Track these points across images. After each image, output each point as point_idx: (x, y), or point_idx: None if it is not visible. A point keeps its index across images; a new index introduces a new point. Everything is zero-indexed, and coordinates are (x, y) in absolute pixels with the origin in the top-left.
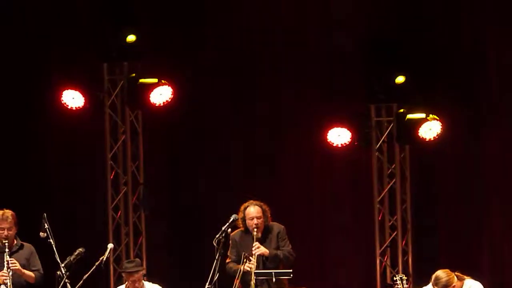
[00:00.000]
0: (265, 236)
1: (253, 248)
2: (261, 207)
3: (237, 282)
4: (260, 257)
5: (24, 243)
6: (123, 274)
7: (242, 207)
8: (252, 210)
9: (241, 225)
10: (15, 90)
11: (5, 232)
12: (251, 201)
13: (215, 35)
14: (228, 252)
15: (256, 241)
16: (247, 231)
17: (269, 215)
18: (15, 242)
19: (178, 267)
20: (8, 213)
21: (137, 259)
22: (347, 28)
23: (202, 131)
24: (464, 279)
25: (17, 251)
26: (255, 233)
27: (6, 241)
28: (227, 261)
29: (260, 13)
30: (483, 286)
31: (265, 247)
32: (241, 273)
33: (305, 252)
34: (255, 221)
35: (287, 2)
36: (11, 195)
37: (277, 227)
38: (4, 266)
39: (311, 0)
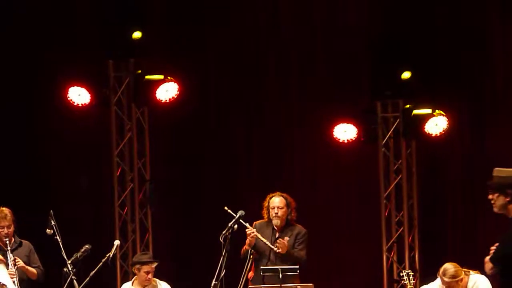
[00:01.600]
0: (286, 233)
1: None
2: (286, 199)
3: (248, 264)
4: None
5: (23, 241)
6: (137, 266)
7: (268, 197)
8: (276, 200)
9: (265, 215)
10: (20, 87)
11: (5, 230)
12: (278, 192)
13: (221, 31)
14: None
15: (277, 233)
16: (269, 221)
17: (294, 210)
18: (14, 239)
19: (184, 264)
20: (6, 210)
21: (150, 252)
22: (353, 25)
23: (208, 128)
24: (469, 274)
25: (16, 249)
26: (275, 221)
27: (7, 239)
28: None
29: (267, 10)
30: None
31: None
32: (249, 264)
33: (312, 248)
34: (275, 210)
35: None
36: (17, 192)
37: (299, 228)
38: (7, 264)
39: None
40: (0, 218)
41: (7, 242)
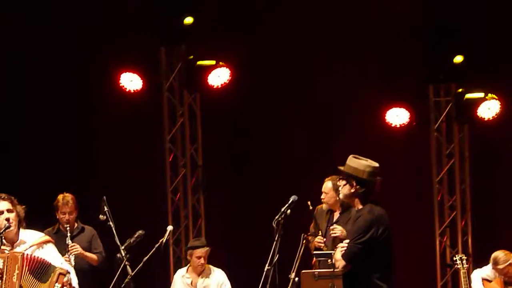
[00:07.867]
0: (344, 216)
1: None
2: (333, 184)
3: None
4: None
5: (85, 226)
6: (189, 251)
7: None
8: (324, 186)
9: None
10: (72, 74)
11: (67, 216)
12: (333, 176)
13: (273, 17)
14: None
15: (333, 219)
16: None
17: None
18: (76, 225)
19: (238, 249)
20: (69, 197)
21: (202, 237)
22: (405, 9)
23: (260, 113)
24: None
25: (78, 235)
26: (324, 205)
27: (68, 225)
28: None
29: None
30: None
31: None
32: (301, 249)
33: None
34: (322, 195)
35: None
36: (69, 179)
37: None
38: (66, 251)
39: None
40: (63, 204)
41: (68, 228)
